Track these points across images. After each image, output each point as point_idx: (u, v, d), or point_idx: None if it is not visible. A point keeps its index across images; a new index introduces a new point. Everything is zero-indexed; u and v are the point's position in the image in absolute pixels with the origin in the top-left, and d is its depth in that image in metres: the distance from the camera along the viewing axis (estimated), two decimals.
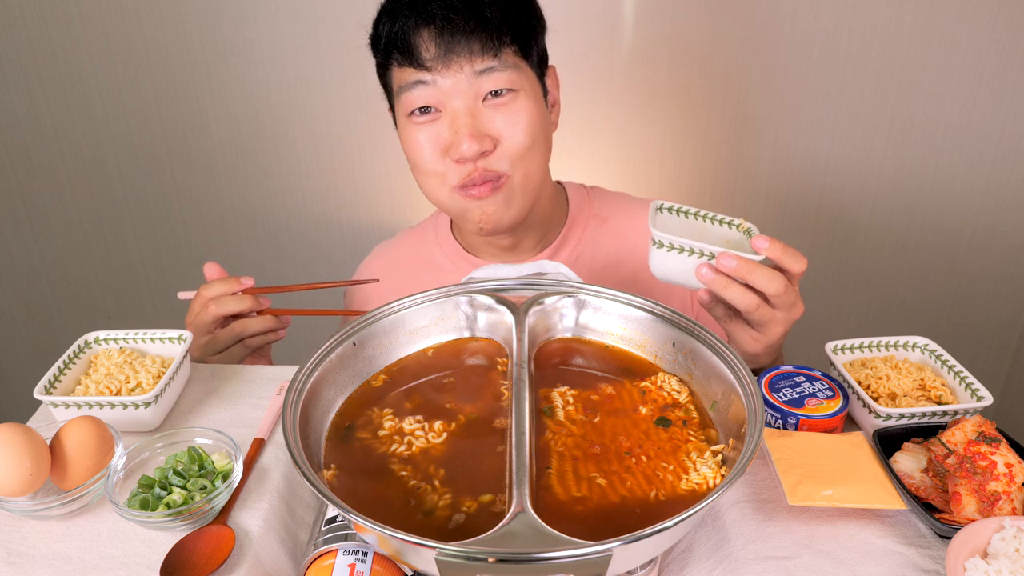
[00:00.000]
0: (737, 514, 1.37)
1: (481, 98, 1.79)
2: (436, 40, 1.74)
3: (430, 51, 1.75)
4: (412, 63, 1.77)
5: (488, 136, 1.79)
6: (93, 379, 1.64)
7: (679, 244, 1.53)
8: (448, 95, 1.78)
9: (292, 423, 1.22)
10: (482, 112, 1.79)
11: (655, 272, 1.60)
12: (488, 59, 1.75)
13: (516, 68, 1.80)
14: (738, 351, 1.63)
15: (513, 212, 1.91)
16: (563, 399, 1.41)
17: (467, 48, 1.74)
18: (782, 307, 1.57)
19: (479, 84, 1.77)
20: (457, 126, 1.79)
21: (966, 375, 1.60)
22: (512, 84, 1.79)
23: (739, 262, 1.49)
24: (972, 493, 1.30)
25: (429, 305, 1.55)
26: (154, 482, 1.37)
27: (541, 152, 1.89)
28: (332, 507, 1.19)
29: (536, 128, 1.84)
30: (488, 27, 1.74)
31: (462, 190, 1.85)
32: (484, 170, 1.82)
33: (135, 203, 3.62)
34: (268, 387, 1.74)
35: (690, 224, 1.67)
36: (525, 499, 1.08)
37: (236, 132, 3.45)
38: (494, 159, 1.82)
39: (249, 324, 1.90)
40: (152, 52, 3.28)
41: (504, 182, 1.85)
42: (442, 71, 1.75)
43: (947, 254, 3.58)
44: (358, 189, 3.55)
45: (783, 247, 1.52)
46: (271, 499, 1.41)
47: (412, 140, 1.85)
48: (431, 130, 1.82)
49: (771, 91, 3.29)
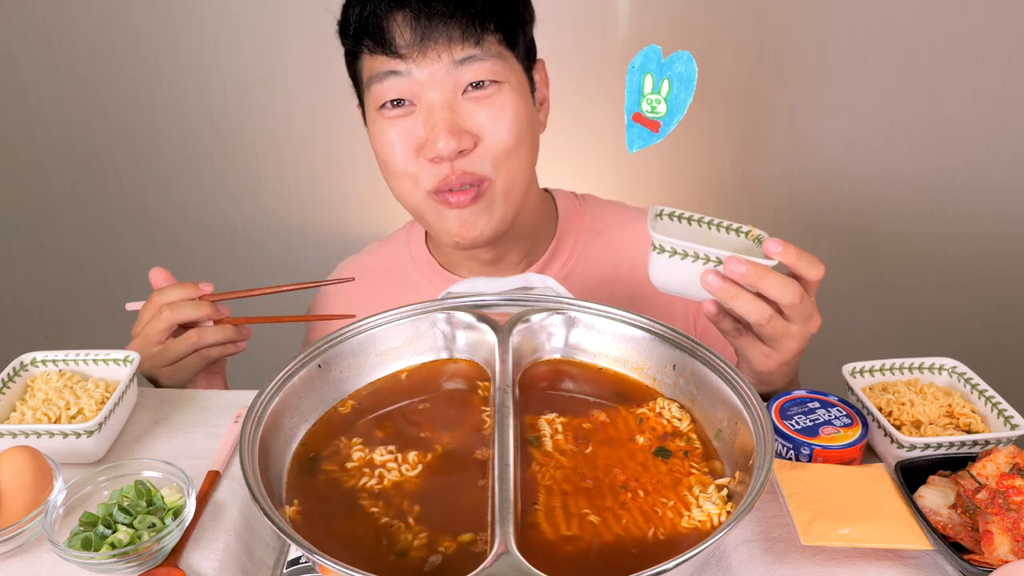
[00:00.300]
0: (744, 555, 1.37)
1: (461, 90, 1.75)
2: (411, 25, 1.71)
3: (404, 37, 1.71)
4: (384, 50, 1.73)
5: (468, 133, 1.75)
6: (30, 405, 1.63)
7: (682, 248, 1.49)
8: (424, 87, 1.74)
9: (250, 454, 1.22)
10: (461, 106, 1.76)
11: (655, 281, 1.57)
12: (469, 47, 1.72)
13: (500, 58, 1.77)
14: (749, 371, 1.63)
15: (494, 222, 1.87)
16: (551, 427, 1.41)
17: (446, 34, 1.71)
18: (797, 319, 1.53)
19: (458, 74, 1.74)
20: (433, 121, 1.74)
21: (998, 400, 1.60)
22: (496, 75, 1.76)
23: (749, 267, 1.44)
24: (1005, 532, 1.30)
25: (403, 323, 1.55)
26: (97, 519, 1.36)
27: (527, 154, 1.86)
28: (295, 547, 1.18)
29: (522, 125, 1.81)
30: (470, 11, 1.71)
31: (437, 195, 1.82)
32: (463, 172, 1.77)
33: (76, 209, 3.61)
34: (224, 414, 1.73)
35: (692, 231, 1.64)
36: (509, 538, 1.08)
37: (188, 131, 3.45)
38: (474, 159, 1.78)
39: (206, 333, 1.84)
40: (94, 40, 3.28)
41: (486, 188, 1.81)
42: (417, 59, 1.72)
43: (976, 266, 3.59)
44: (323, 195, 3.55)
45: (798, 251, 1.49)
46: (227, 538, 1.40)
47: (382, 137, 1.81)
48: (404, 125, 1.78)
49: (782, 85, 3.30)
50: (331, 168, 3.50)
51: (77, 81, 3.35)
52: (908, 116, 3.31)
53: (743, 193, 3.49)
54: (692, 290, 1.53)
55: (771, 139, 3.39)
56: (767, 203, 3.44)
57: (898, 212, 3.49)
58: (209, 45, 3.27)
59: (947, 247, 3.56)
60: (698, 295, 1.54)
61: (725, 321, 1.61)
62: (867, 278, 3.63)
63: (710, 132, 3.39)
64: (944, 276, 3.62)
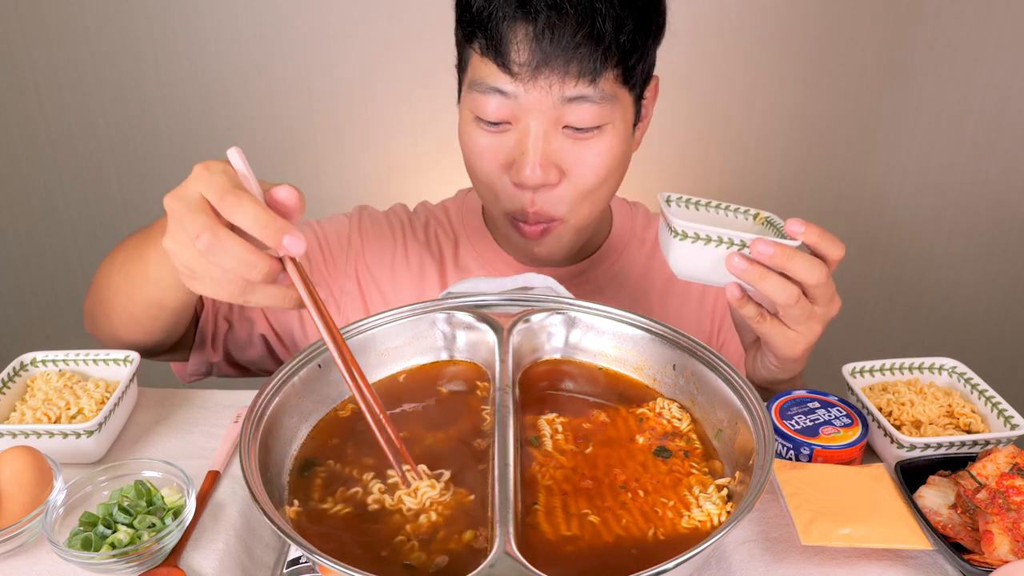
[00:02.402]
0: (744, 555, 1.37)
1: (561, 125, 1.68)
2: (532, 45, 1.61)
3: (521, 56, 1.62)
4: (496, 61, 1.64)
5: (556, 167, 1.70)
6: (30, 405, 1.63)
7: (705, 233, 1.45)
8: (526, 111, 1.67)
9: (250, 454, 1.21)
10: (556, 138, 1.69)
11: (677, 269, 1.52)
12: (583, 85, 1.63)
13: (611, 99, 1.68)
14: (774, 359, 1.62)
15: (561, 251, 1.87)
16: (551, 427, 1.41)
17: (563, 66, 1.61)
18: (822, 300, 1.51)
19: (564, 111, 1.66)
20: (525, 147, 1.68)
21: (998, 400, 1.60)
22: (601, 120, 1.68)
23: (777, 248, 1.41)
24: (1005, 532, 1.30)
25: (403, 323, 1.55)
26: (97, 519, 1.36)
27: (609, 191, 1.83)
28: (295, 547, 1.18)
29: (611, 168, 1.75)
30: (595, 44, 1.61)
31: (512, 220, 1.80)
32: (539, 211, 1.75)
33: (76, 211, 3.62)
34: (224, 414, 1.73)
35: (703, 216, 1.61)
36: (509, 538, 1.08)
37: (186, 131, 3.45)
38: (554, 196, 1.74)
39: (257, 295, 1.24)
40: (96, 52, 3.28)
41: (555, 226, 1.80)
42: (527, 84, 1.63)
43: (977, 266, 3.59)
44: (331, 200, 3.55)
45: (821, 231, 1.46)
46: (227, 538, 1.40)
47: (473, 143, 1.76)
48: (496, 139, 1.72)
49: (784, 86, 3.30)
50: (339, 172, 3.50)
51: (76, 82, 3.35)
52: (910, 114, 3.31)
53: (743, 192, 3.50)
54: (716, 275, 1.50)
55: (772, 139, 3.39)
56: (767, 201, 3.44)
57: (899, 211, 3.49)
58: (209, 54, 3.28)
59: (947, 247, 3.56)
60: (721, 280, 1.51)
61: (748, 306, 1.54)
62: (867, 277, 3.64)
63: (712, 128, 3.39)
64: (944, 276, 3.62)
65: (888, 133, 3.34)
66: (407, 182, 3.49)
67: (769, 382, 1.72)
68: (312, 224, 2.05)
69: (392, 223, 2.08)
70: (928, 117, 3.30)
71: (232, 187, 1.14)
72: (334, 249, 2.02)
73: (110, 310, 1.75)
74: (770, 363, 1.66)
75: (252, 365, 2.01)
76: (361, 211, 2.10)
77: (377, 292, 2.02)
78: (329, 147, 3.47)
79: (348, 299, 2.01)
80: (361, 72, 3.30)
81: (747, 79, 3.30)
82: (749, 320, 1.56)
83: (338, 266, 2.02)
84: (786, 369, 1.66)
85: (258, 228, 1.14)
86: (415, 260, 2.04)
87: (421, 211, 2.14)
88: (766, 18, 3.19)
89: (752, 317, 1.55)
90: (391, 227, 2.07)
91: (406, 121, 3.37)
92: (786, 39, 3.21)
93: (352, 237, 2.04)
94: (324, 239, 2.02)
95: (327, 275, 2.01)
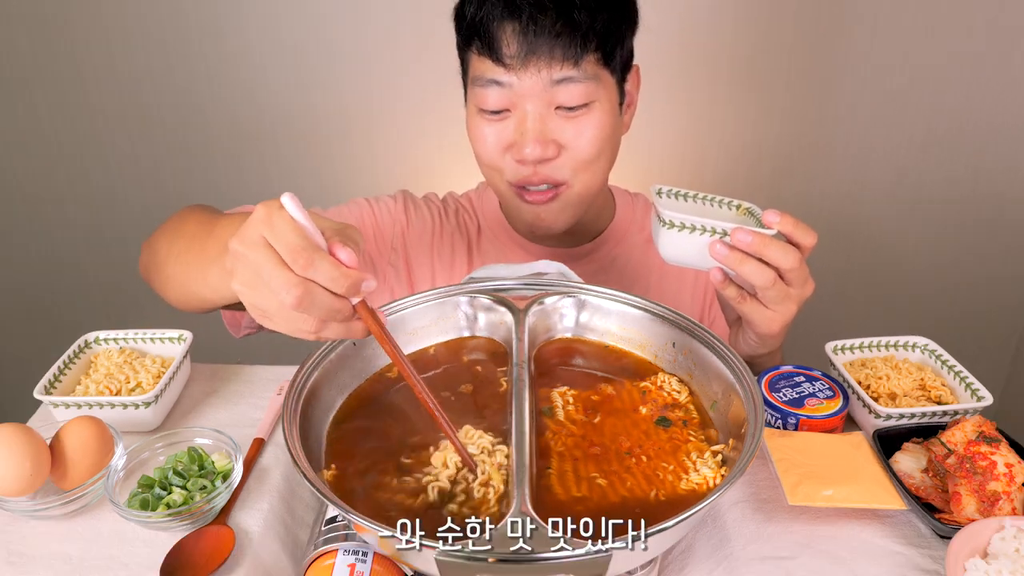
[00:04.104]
0: (737, 514, 1.38)
1: (553, 106, 1.74)
2: (519, 39, 1.68)
3: (511, 48, 1.69)
4: (491, 56, 1.72)
5: (554, 143, 1.75)
6: (93, 379, 1.64)
7: (691, 223, 1.48)
8: (521, 97, 1.73)
9: (292, 423, 1.22)
10: (552, 119, 1.75)
11: (666, 254, 1.55)
12: (568, 67, 1.69)
13: (595, 79, 1.74)
14: (754, 335, 1.63)
15: (566, 218, 1.88)
16: (563, 399, 1.41)
17: (548, 52, 1.68)
18: (796, 283, 1.53)
19: (554, 92, 1.72)
20: (524, 128, 1.74)
21: (966, 375, 1.60)
22: (587, 98, 1.74)
23: (754, 237, 1.44)
24: (972, 493, 1.30)
25: (429, 305, 1.55)
26: (154, 482, 1.37)
27: (605, 163, 1.86)
28: (332, 507, 1.18)
29: (605, 140, 1.80)
30: (574, 32, 1.68)
31: (518, 189, 1.83)
32: (545, 177, 1.79)
33: (135, 202, 3.62)
34: (268, 387, 1.74)
35: (691, 207, 1.64)
36: (525, 499, 1.08)
37: (236, 129, 3.45)
38: (556, 165, 1.78)
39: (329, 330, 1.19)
40: (152, 52, 3.28)
41: (563, 190, 1.82)
42: (519, 72, 1.70)
43: (947, 253, 3.59)
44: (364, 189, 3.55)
45: (794, 221, 1.49)
46: (271, 499, 1.41)
47: (478, 132, 1.82)
48: (498, 127, 1.78)
49: (771, 88, 3.29)
50: (374, 164, 3.50)
51: (136, 89, 3.35)
52: (883, 115, 3.30)
53: (734, 188, 3.49)
54: (701, 260, 1.52)
55: (762, 138, 3.38)
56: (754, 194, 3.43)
57: (875, 203, 3.48)
58: (254, 53, 3.27)
59: (920, 235, 3.55)
60: (705, 265, 1.53)
61: (730, 288, 1.57)
62: (847, 263, 3.63)
63: (710, 128, 3.38)
64: (917, 262, 3.61)
65: (864, 132, 3.33)
66: (435, 177, 3.48)
67: (750, 356, 1.73)
68: (362, 204, 2.08)
69: (430, 208, 2.13)
70: (902, 116, 3.29)
71: (303, 248, 1.09)
72: (384, 228, 2.06)
73: (164, 284, 1.70)
74: (751, 339, 1.67)
75: None
76: (404, 195, 2.14)
77: (421, 267, 2.06)
78: (361, 144, 3.46)
79: (395, 272, 2.05)
80: (393, 78, 3.30)
81: (740, 84, 3.29)
82: (731, 300, 1.58)
83: (388, 243, 2.06)
84: (765, 344, 1.67)
85: (336, 287, 1.11)
86: (448, 243, 2.08)
87: (450, 200, 2.19)
88: (752, 23, 3.17)
89: (733, 298, 1.57)
90: (429, 211, 2.12)
91: (432, 122, 3.37)
92: (772, 43, 3.20)
93: (399, 217, 2.08)
94: (376, 219, 2.07)
95: (377, 251, 2.05)
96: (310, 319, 1.14)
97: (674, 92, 3.30)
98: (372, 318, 1.19)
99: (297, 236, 1.09)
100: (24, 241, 3.72)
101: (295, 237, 1.09)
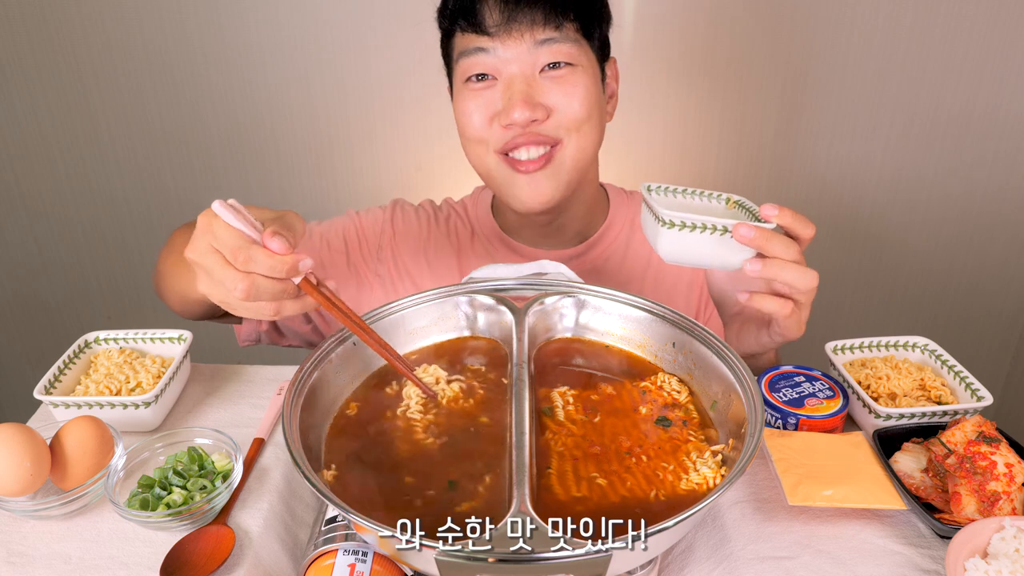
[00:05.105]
0: (737, 514, 1.38)
1: (539, 69, 1.77)
2: (500, 7, 1.73)
3: (493, 17, 1.73)
4: (474, 28, 1.75)
5: (542, 105, 1.77)
6: (93, 379, 1.64)
7: (691, 221, 1.43)
8: (506, 63, 1.76)
9: (292, 423, 1.22)
10: (538, 82, 1.77)
11: (666, 254, 1.49)
12: (549, 30, 1.74)
13: (576, 43, 1.78)
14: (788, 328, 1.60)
15: (560, 188, 1.87)
16: (563, 399, 1.41)
17: (529, 17, 1.73)
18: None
19: (538, 54, 1.75)
20: (511, 92, 1.76)
21: (966, 375, 1.60)
22: (572, 58, 1.77)
23: (756, 232, 1.41)
24: (972, 493, 1.30)
25: (430, 305, 1.55)
26: (154, 482, 1.37)
27: (595, 127, 1.87)
28: (332, 507, 1.19)
29: (592, 103, 1.82)
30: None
31: (507, 158, 1.84)
32: (537, 136, 1.79)
33: (135, 203, 3.62)
34: (268, 387, 1.74)
35: (680, 202, 1.61)
36: (525, 499, 1.08)
37: (236, 131, 3.44)
38: (547, 126, 1.79)
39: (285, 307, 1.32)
40: (151, 51, 3.27)
41: (556, 151, 1.82)
42: (503, 38, 1.74)
43: (947, 253, 3.58)
44: (363, 188, 3.55)
45: (793, 213, 1.47)
46: (271, 499, 1.41)
47: (464, 106, 1.84)
48: (484, 97, 1.80)
49: (770, 87, 3.29)
50: (375, 164, 3.49)
51: (136, 90, 3.35)
52: (886, 116, 3.29)
53: (736, 186, 3.49)
54: (702, 259, 1.48)
55: (760, 131, 3.38)
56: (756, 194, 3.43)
57: (876, 204, 3.48)
58: (254, 54, 3.27)
59: (920, 236, 3.55)
60: (706, 263, 1.49)
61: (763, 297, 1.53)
62: (847, 264, 3.63)
63: (709, 124, 3.38)
64: (917, 262, 3.61)
65: (865, 131, 3.33)
66: (433, 178, 3.48)
67: (750, 354, 1.74)
68: (351, 215, 2.12)
69: (420, 216, 2.14)
70: (903, 116, 3.29)
71: (239, 247, 1.24)
72: (369, 237, 2.09)
73: (167, 295, 1.83)
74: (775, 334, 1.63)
75: (296, 337, 2.03)
76: (395, 204, 2.16)
77: (407, 275, 2.07)
78: (362, 144, 3.46)
79: (382, 281, 2.06)
80: (393, 77, 3.30)
81: (741, 83, 3.29)
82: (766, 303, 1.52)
83: (373, 252, 2.07)
84: (783, 337, 1.63)
85: (275, 273, 1.26)
86: (436, 248, 2.09)
87: (444, 206, 2.21)
88: (753, 21, 3.17)
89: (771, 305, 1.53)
90: (419, 219, 2.13)
91: (433, 124, 3.37)
92: (773, 41, 3.19)
93: (386, 227, 2.10)
94: (361, 228, 2.09)
95: (362, 260, 2.07)
96: (265, 304, 1.29)
97: (674, 90, 3.30)
98: (315, 291, 1.32)
99: (233, 237, 1.25)
100: (24, 241, 3.72)
101: (231, 239, 1.25)
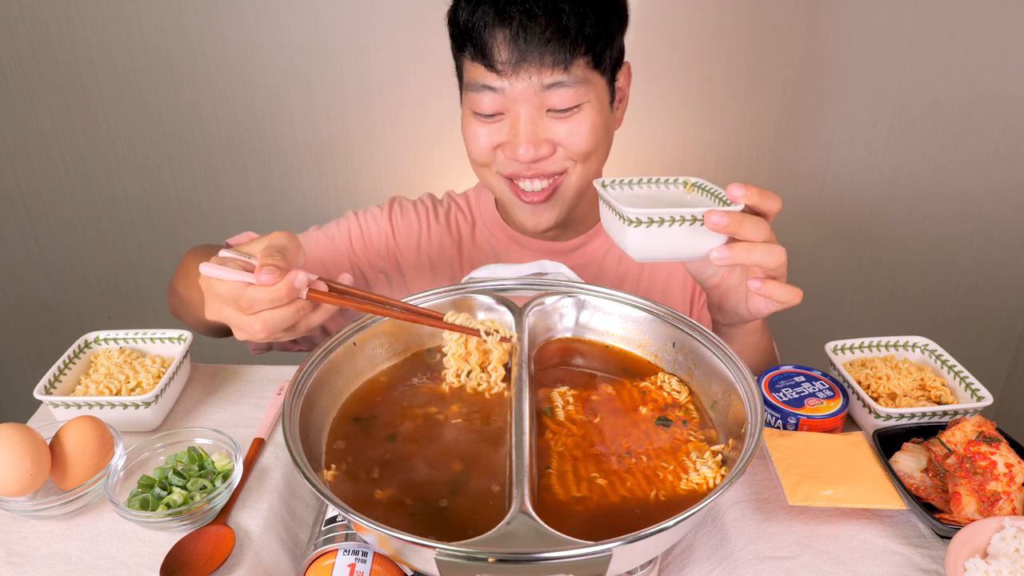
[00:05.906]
0: (737, 514, 1.37)
1: (545, 109, 1.77)
2: (510, 46, 1.71)
3: (502, 55, 1.72)
4: (483, 62, 1.75)
5: (547, 142, 1.78)
6: (93, 379, 1.64)
7: (658, 216, 1.36)
8: (513, 101, 1.76)
9: (292, 423, 1.22)
10: (544, 120, 1.78)
11: (635, 253, 1.41)
12: (558, 72, 1.72)
13: (584, 82, 1.76)
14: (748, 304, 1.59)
15: (563, 212, 1.92)
16: (563, 399, 1.41)
17: (539, 59, 1.71)
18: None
19: (544, 96, 1.75)
20: (517, 131, 1.77)
21: (966, 375, 1.60)
22: (578, 100, 1.77)
23: (728, 217, 1.36)
24: (972, 493, 1.30)
25: (429, 305, 1.55)
26: (154, 482, 1.37)
27: (601, 156, 1.89)
28: (332, 507, 1.18)
29: (599, 136, 1.82)
30: (563, 38, 1.70)
31: (512, 185, 1.87)
32: (540, 170, 1.82)
33: (135, 203, 3.62)
34: (268, 387, 1.74)
35: (638, 193, 1.55)
36: (525, 499, 1.08)
37: (236, 131, 3.44)
38: (551, 161, 1.82)
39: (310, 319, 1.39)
40: (151, 51, 3.27)
41: (561, 180, 1.86)
42: (511, 78, 1.73)
43: (947, 254, 3.58)
44: (363, 188, 3.55)
45: (759, 190, 1.43)
46: (271, 499, 1.41)
47: (471, 132, 1.85)
48: (491, 127, 1.81)
49: (770, 87, 3.29)
50: (374, 165, 3.49)
51: (136, 90, 3.35)
52: (885, 117, 3.29)
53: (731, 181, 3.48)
54: (674, 253, 1.42)
55: (760, 132, 3.38)
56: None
57: (876, 204, 3.48)
58: (256, 55, 3.27)
59: (920, 236, 3.55)
60: (680, 255, 1.43)
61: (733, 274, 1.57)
62: (847, 264, 3.62)
63: (702, 114, 3.38)
64: (917, 262, 3.61)
65: (865, 131, 3.33)
66: (434, 176, 3.48)
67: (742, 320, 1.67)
68: (351, 218, 2.13)
69: (418, 210, 2.15)
70: (903, 116, 3.29)
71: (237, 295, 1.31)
72: (372, 236, 2.10)
73: (186, 318, 1.90)
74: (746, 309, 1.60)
75: (305, 341, 2.03)
76: (392, 202, 2.17)
77: (408, 272, 2.10)
78: (362, 144, 3.46)
79: (386, 278, 2.10)
80: (393, 77, 3.30)
81: (742, 82, 3.29)
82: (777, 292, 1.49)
83: (375, 251, 2.09)
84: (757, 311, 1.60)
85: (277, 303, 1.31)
86: (436, 242, 2.11)
87: (446, 199, 2.22)
88: (753, 14, 3.17)
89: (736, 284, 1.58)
90: (417, 214, 2.14)
91: (433, 124, 3.37)
92: (774, 40, 3.19)
93: (384, 225, 2.11)
94: (363, 228, 2.11)
95: (364, 259, 2.09)
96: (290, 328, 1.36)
97: (675, 90, 3.30)
98: (327, 296, 1.36)
99: (230, 290, 1.31)
100: (24, 241, 3.72)
101: (229, 291, 1.31)
